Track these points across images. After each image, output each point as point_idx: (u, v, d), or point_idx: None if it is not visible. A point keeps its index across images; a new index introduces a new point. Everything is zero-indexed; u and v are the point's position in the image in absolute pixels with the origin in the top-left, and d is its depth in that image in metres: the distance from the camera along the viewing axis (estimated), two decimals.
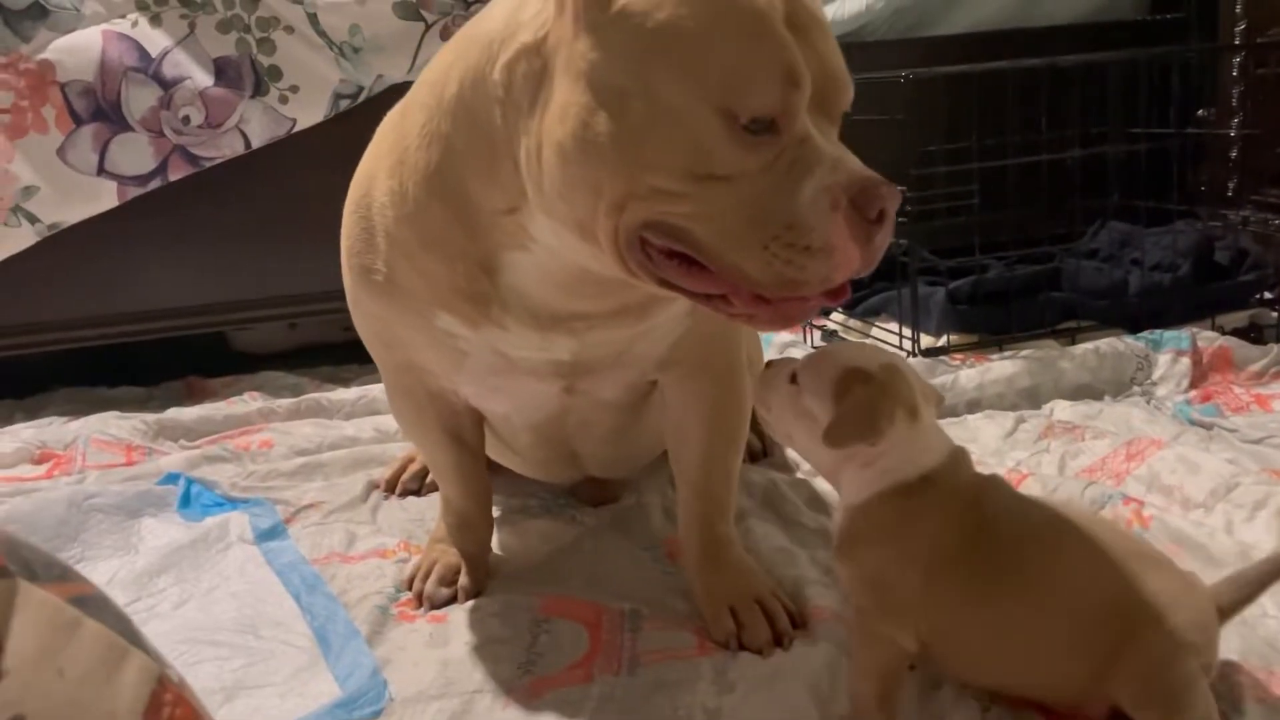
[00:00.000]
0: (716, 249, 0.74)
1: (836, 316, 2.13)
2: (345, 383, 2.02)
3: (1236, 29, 2.16)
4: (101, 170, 1.88)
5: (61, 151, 1.85)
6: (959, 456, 0.87)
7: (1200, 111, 2.17)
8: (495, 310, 0.91)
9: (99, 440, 1.65)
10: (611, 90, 0.72)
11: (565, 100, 0.74)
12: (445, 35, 1.94)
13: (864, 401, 0.82)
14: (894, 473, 0.84)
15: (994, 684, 0.87)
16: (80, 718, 0.45)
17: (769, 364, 0.93)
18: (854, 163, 0.74)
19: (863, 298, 2.09)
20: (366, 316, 1.02)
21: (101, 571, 1.23)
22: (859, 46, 0.67)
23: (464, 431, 1.11)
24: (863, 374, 0.83)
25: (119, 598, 1.15)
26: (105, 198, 1.89)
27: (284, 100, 1.94)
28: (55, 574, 0.50)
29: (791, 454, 1.47)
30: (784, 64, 0.71)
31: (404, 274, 0.93)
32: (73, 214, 1.89)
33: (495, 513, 1.23)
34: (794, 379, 0.87)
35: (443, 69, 0.86)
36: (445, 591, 1.13)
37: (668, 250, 0.76)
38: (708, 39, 0.71)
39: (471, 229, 0.87)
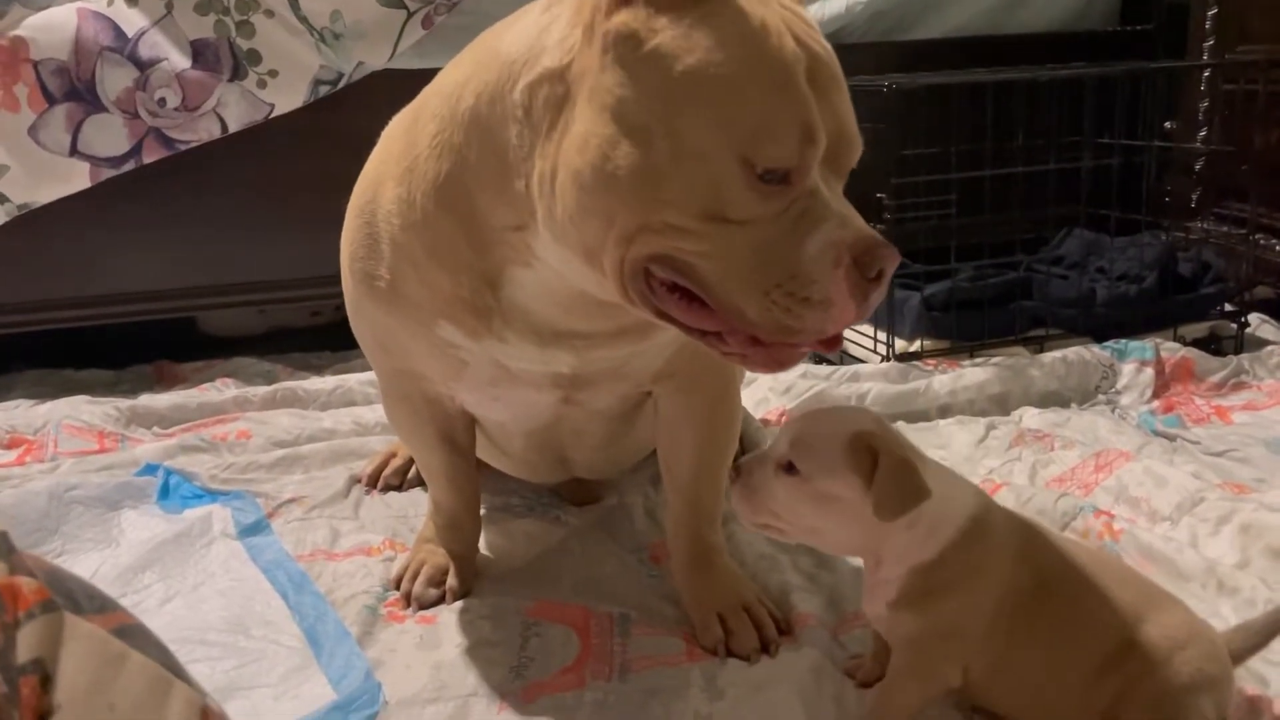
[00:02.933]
0: (720, 288, 0.76)
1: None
2: (318, 370, 2.01)
3: (1205, 45, 2.21)
4: (74, 151, 1.84)
5: (33, 131, 1.81)
6: (980, 493, 0.89)
7: (1166, 124, 2.22)
8: (497, 323, 0.92)
9: (70, 426, 1.64)
10: (636, 126, 0.74)
11: (587, 130, 0.75)
12: (427, 24, 1.93)
13: (897, 463, 0.81)
14: (948, 522, 0.84)
15: (1012, 712, 0.89)
16: None
17: (736, 469, 0.88)
18: (859, 222, 0.77)
19: None
20: (366, 322, 1.02)
21: (84, 566, 1.22)
22: (839, 49, 0.68)
23: (457, 435, 1.12)
24: (866, 436, 0.82)
25: None
26: (77, 179, 1.86)
27: (262, 85, 1.91)
28: (97, 605, 0.50)
29: None
30: (803, 121, 0.74)
31: (407, 282, 0.93)
32: (43, 195, 1.85)
33: (481, 511, 1.23)
34: (787, 469, 0.84)
35: (458, 81, 0.86)
36: (434, 592, 1.14)
37: (670, 284, 0.78)
38: (735, 87, 0.73)
39: (477, 242, 0.88)
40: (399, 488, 1.46)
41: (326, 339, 2.17)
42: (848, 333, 1.99)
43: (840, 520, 0.84)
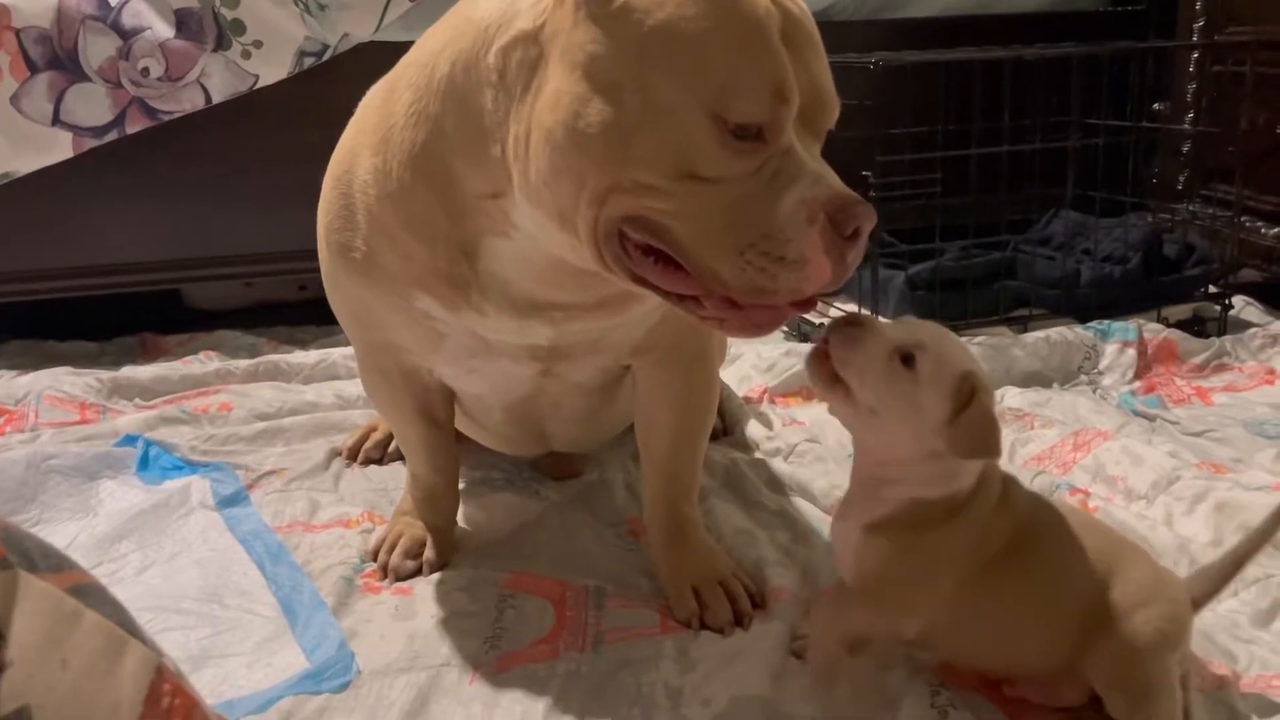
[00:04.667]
0: (693, 249, 0.75)
1: (873, 318, 2.15)
2: (303, 344, 2.01)
3: (1195, 25, 2.20)
4: (57, 120, 1.83)
5: (15, 100, 1.79)
6: None
7: (1155, 105, 2.22)
8: (474, 295, 0.91)
9: (52, 397, 1.63)
10: (607, 83, 0.73)
11: (559, 89, 0.75)
12: None
13: (988, 417, 0.80)
14: (969, 473, 0.84)
15: (978, 664, 0.90)
16: (84, 709, 0.45)
17: (850, 320, 0.84)
18: (834, 180, 0.76)
19: None
20: (343, 294, 1.01)
21: (61, 535, 1.22)
22: (828, 26, 0.68)
23: (435, 409, 1.12)
24: (975, 378, 0.81)
25: (80, 563, 1.15)
26: (60, 148, 1.84)
27: (246, 56, 1.89)
28: (53, 563, 0.50)
29: (751, 433, 1.50)
30: (775, 78, 0.73)
31: (384, 253, 0.93)
32: (26, 164, 1.84)
33: (460, 485, 1.24)
34: (904, 360, 0.81)
35: (433, 50, 0.86)
36: (410, 564, 1.14)
37: (645, 247, 0.77)
38: (706, 42, 0.72)
39: (454, 212, 0.88)
40: (379, 461, 1.46)
41: (313, 313, 2.15)
42: (832, 311, 1.99)
43: (905, 428, 0.82)
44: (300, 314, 2.19)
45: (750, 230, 0.74)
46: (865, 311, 1.86)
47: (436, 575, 1.14)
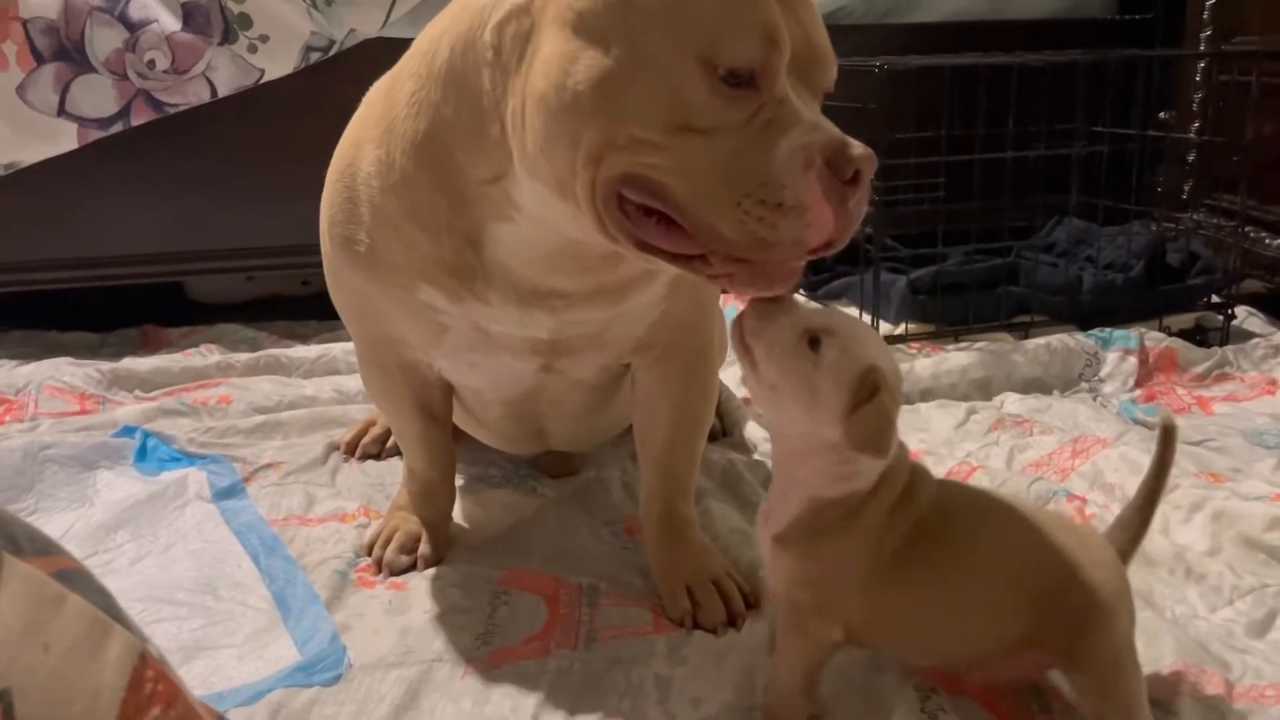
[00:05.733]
0: (691, 205, 0.74)
1: (797, 298, 2.15)
2: (304, 339, 2.01)
3: (1202, 34, 2.20)
4: (62, 111, 1.83)
5: (21, 90, 1.80)
6: (902, 450, 0.87)
7: (1161, 114, 2.21)
8: (479, 284, 0.91)
9: (52, 387, 1.63)
10: (595, 37, 0.73)
11: (550, 52, 0.75)
12: None
13: (885, 414, 0.79)
14: (868, 474, 0.83)
15: (929, 659, 0.90)
16: (66, 693, 0.45)
17: (772, 300, 0.83)
18: (831, 127, 0.75)
19: (824, 281, 2.12)
20: (346, 288, 1.01)
21: (57, 524, 1.22)
22: (835, 30, 0.68)
23: (434, 404, 1.12)
24: (878, 374, 0.80)
25: (74, 552, 1.14)
26: (65, 139, 1.85)
27: (253, 49, 1.90)
28: (39, 547, 0.50)
29: (750, 434, 1.50)
30: (764, 21, 0.72)
31: (387, 246, 0.93)
32: (31, 154, 1.84)
33: (457, 481, 1.23)
34: (812, 343, 0.80)
35: (433, 37, 0.86)
36: (405, 559, 1.14)
37: (645, 208, 0.76)
38: None
39: (457, 200, 0.88)
40: (378, 456, 1.46)
41: (315, 308, 2.16)
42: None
43: (799, 409, 0.81)
44: (302, 308, 2.19)
45: (746, 180, 0.72)
46: (860, 311, 1.86)
47: (431, 571, 1.13)
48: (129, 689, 0.47)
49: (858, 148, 0.73)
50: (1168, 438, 0.87)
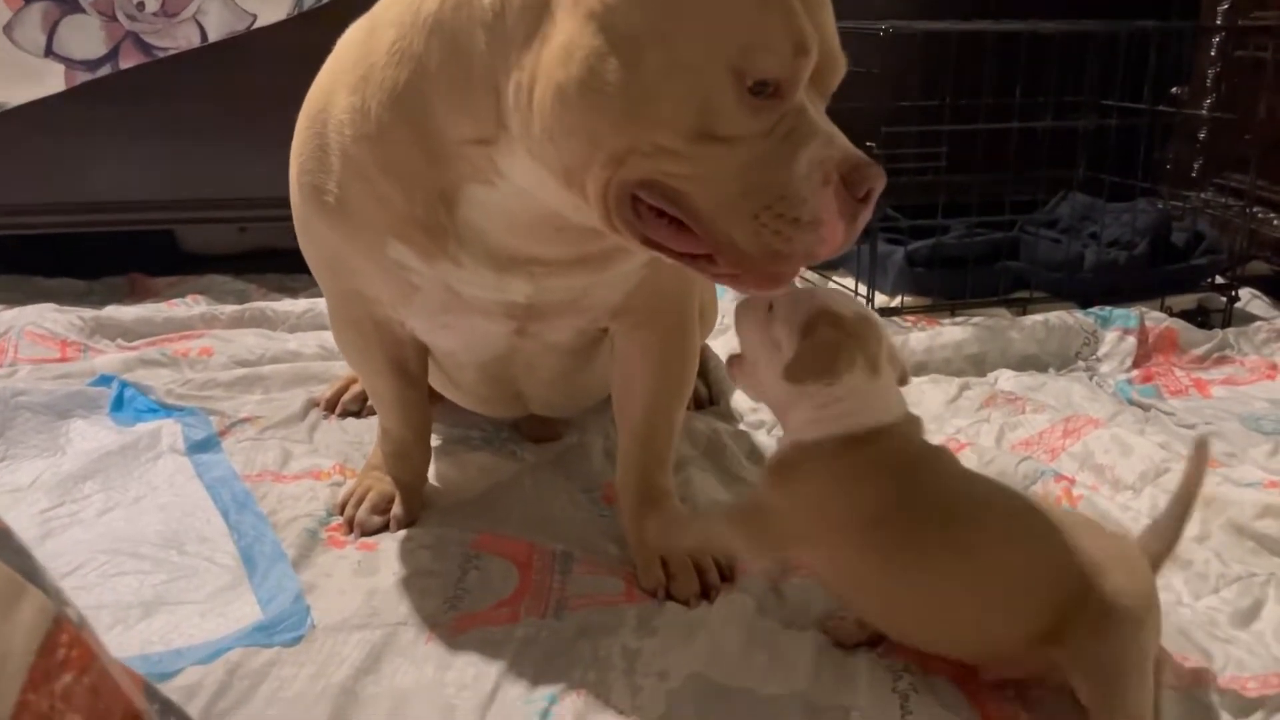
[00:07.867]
0: (709, 216, 0.74)
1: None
2: (293, 293, 1.99)
3: (1220, 8, 2.14)
4: (49, 52, 1.80)
5: (8, 29, 1.77)
6: (911, 422, 0.89)
7: (1174, 90, 2.16)
8: (451, 245, 0.88)
9: (33, 333, 1.61)
10: (626, 37, 0.70)
11: (570, 40, 0.72)
12: None
13: (829, 343, 0.83)
14: (846, 420, 0.85)
15: (933, 647, 0.89)
16: None
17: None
18: (844, 140, 0.75)
19: None
20: (314, 240, 0.99)
21: (26, 472, 1.20)
22: None
23: (408, 362, 1.09)
24: (833, 317, 0.84)
25: (41, 501, 1.14)
26: (52, 80, 1.82)
27: None
28: None
29: (736, 403, 1.47)
30: (796, 29, 0.71)
31: (358, 197, 0.90)
32: (17, 95, 1.81)
33: (435, 442, 1.21)
34: (770, 308, 0.87)
35: None
36: (377, 519, 1.12)
37: (657, 210, 0.75)
38: None
39: (434, 156, 0.84)
40: (358, 414, 1.44)
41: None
42: (830, 285, 1.96)
43: (770, 367, 0.86)
44: (294, 262, 2.13)
45: (766, 192, 0.72)
46: (856, 282, 1.83)
47: (403, 532, 1.11)
48: (40, 654, 0.45)
49: (872, 166, 0.74)
50: (1202, 452, 0.90)
